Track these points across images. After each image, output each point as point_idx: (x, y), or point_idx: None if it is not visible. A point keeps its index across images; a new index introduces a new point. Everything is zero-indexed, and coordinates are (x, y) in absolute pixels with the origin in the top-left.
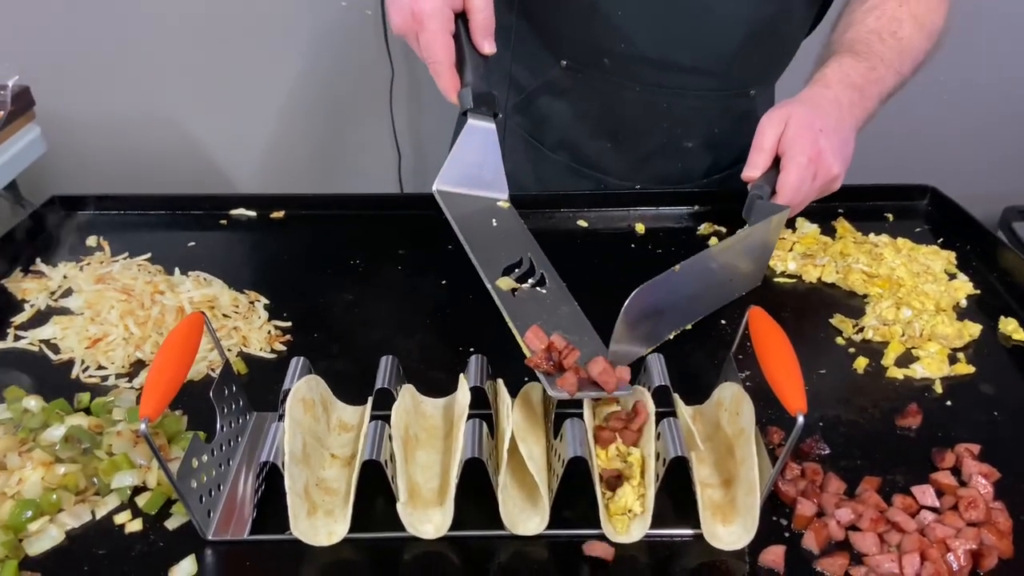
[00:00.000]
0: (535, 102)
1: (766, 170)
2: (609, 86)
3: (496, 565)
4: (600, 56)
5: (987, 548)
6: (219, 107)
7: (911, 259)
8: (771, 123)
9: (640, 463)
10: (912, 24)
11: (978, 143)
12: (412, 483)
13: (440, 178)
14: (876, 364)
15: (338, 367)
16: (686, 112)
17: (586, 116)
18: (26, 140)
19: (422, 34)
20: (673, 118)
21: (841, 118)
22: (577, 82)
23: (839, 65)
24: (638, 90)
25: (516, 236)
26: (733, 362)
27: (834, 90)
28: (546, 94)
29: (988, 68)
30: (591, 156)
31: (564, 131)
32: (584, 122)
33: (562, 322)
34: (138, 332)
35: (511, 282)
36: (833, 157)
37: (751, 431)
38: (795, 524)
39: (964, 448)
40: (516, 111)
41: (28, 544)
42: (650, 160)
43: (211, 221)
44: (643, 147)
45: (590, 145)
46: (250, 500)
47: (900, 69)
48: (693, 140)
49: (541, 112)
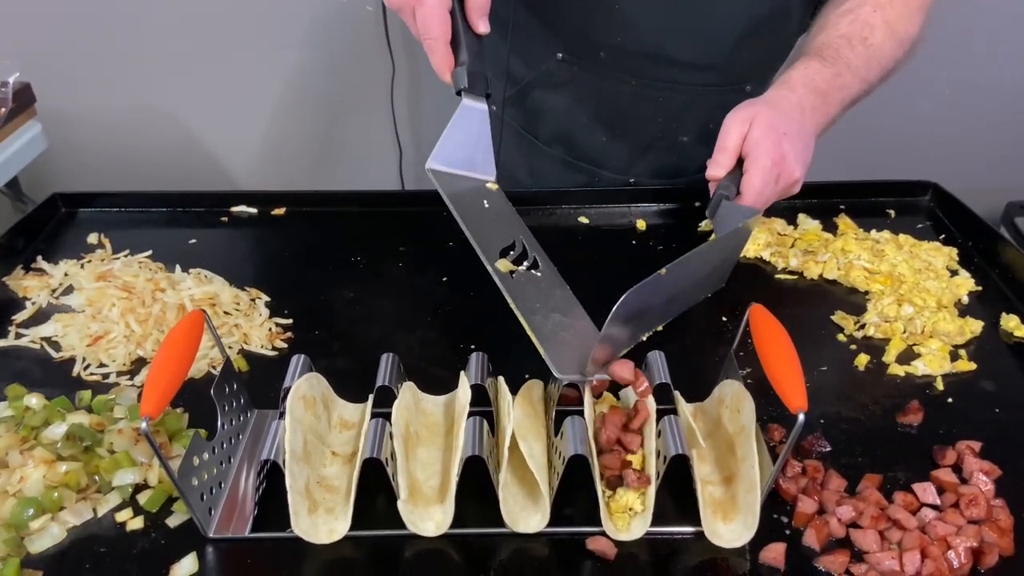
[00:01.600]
0: (530, 94)
1: (730, 170)
2: (605, 79)
3: (497, 563)
4: (597, 49)
5: (988, 546)
6: (220, 104)
7: (913, 255)
8: (735, 123)
9: (640, 461)
10: (884, 31)
11: (980, 139)
12: (413, 481)
13: (433, 157)
14: (877, 361)
15: (339, 364)
16: (682, 106)
17: (581, 109)
18: (27, 137)
19: (419, 8)
20: (669, 112)
21: (803, 122)
22: (573, 75)
23: (805, 68)
24: (634, 83)
25: (507, 219)
26: (734, 359)
27: (798, 94)
28: (541, 86)
29: (990, 64)
30: (586, 149)
31: (559, 124)
32: (579, 115)
33: (558, 305)
34: (139, 330)
35: (509, 264)
36: (795, 161)
37: (752, 428)
38: (796, 521)
39: (965, 445)
40: (510, 103)
41: (30, 542)
42: (645, 154)
43: (212, 218)
44: (638, 141)
45: (585, 138)
46: (251, 498)
47: (867, 76)
48: (688, 134)
49: (536, 105)
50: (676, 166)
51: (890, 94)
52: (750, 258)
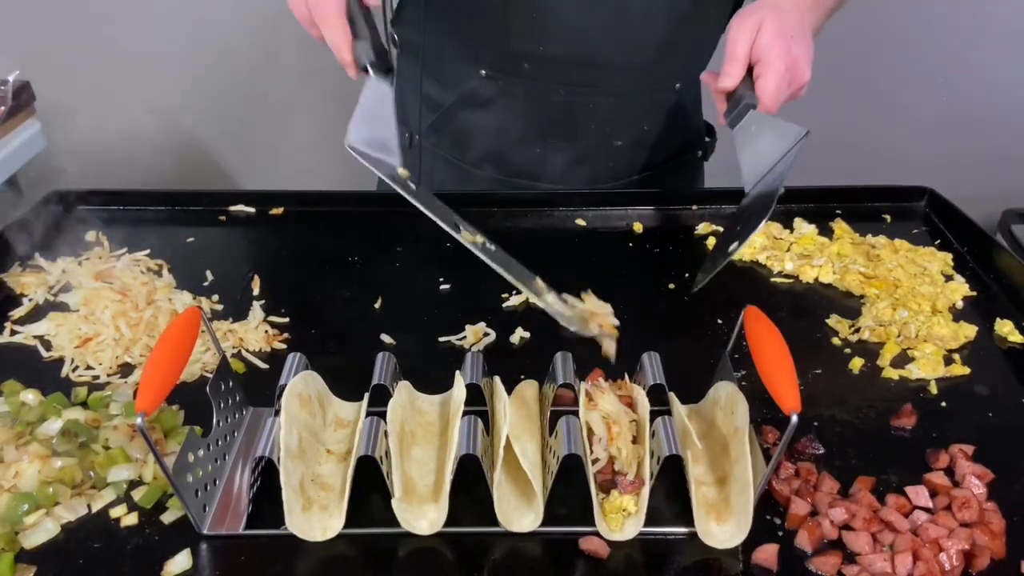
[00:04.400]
0: (455, 118)
1: (741, 79)
2: (532, 91)
3: (490, 562)
4: (520, 60)
5: (979, 548)
6: (220, 104)
7: (908, 260)
8: (743, 31)
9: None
10: None
11: (977, 145)
12: (407, 479)
13: (351, 135)
14: (872, 364)
15: (335, 363)
16: (612, 110)
17: (511, 125)
18: (26, 135)
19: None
20: (600, 118)
21: (803, 24)
22: (499, 90)
23: None
24: (562, 92)
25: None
26: (729, 361)
27: None
28: (466, 108)
29: (987, 70)
30: (519, 165)
31: (488, 144)
32: (510, 131)
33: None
34: (129, 334)
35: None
36: (805, 64)
37: (745, 430)
38: (788, 523)
39: (958, 449)
40: (432, 131)
41: (24, 537)
42: (582, 163)
43: (210, 217)
44: (573, 150)
45: (518, 154)
46: (246, 495)
47: None
48: (623, 139)
49: (462, 127)
50: (613, 171)
51: (888, 100)
52: (746, 261)
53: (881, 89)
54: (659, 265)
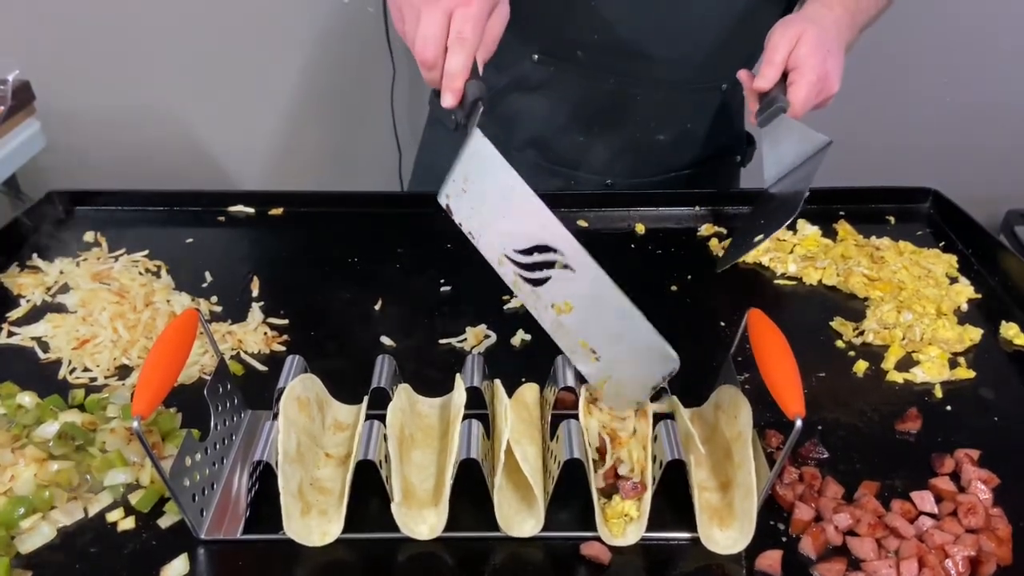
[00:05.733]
0: (504, 100)
1: (775, 82)
2: (583, 79)
3: (491, 567)
4: (574, 48)
5: (985, 555)
6: (219, 104)
7: (912, 262)
8: (784, 39)
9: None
10: None
11: (981, 146)
12: (407, 483)
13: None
14: (876, 368)
15: (334, 365)
16: (660, 105)
17: (558, 111)
18: (26, 135)
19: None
20: (647, 111)
21: (840, 40)
22: (549, 76)
23: None
24: (612, 82)
25: None
26: (732, 364)
27: (835, 12)
28: (516, 90)
29: (992, 71)
30: (562, 152)
31: (534, 128)
32: (556, 117)
33: None
34: (127, 335)
35: None
36: (836, 77)
37: (749, 434)
38: (792, 529)
39: (964, 453)
40: None
41: (20, 541)
42: (622, 154)
43: (209, 218)
44: (616, 141)
45: (561, 141)
46: (244, 499)
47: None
48: (666, 134)
49: (510, 109)
50: (653, 166)
51: (891, 101)
52: (749, 263)
53: (884, 90)
54: (661, 267)
